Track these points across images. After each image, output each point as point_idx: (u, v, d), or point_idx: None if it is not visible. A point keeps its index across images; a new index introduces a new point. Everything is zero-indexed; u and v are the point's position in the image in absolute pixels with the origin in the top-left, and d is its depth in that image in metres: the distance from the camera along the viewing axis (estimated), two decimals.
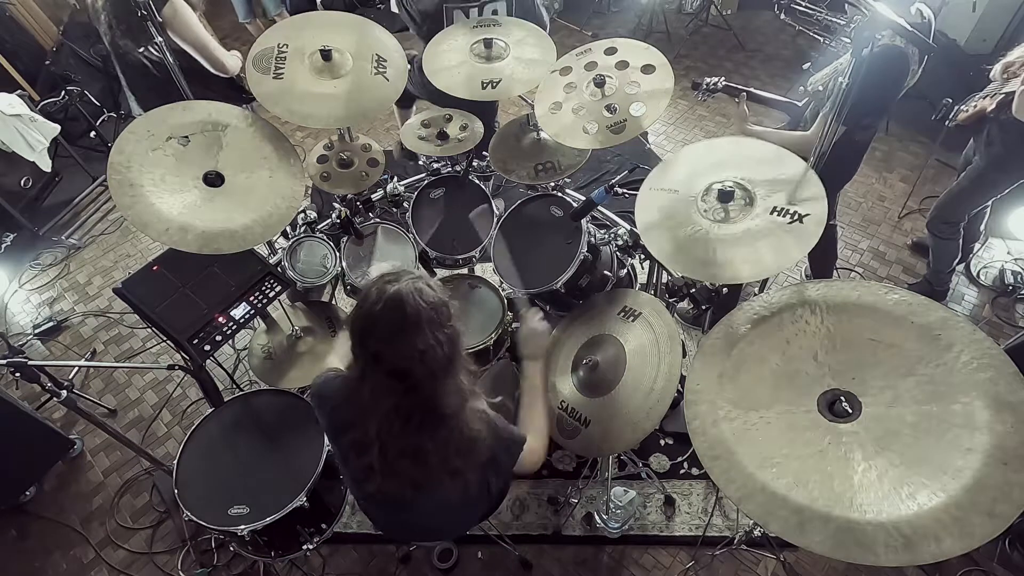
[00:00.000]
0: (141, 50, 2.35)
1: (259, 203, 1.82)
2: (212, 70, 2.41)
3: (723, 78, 2.27)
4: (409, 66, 2.20)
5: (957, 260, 2.70)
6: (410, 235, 2.26)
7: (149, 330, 2.54)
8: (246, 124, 1.93)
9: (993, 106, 2.19)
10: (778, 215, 1.55)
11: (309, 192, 3.35)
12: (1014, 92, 2.06)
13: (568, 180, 2.41)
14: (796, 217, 1.53)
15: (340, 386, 1.31)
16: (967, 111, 2.33)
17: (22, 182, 3.35)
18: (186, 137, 1.82)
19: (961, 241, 2.63)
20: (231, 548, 2.12)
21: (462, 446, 1.23)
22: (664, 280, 2.29)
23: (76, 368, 2.79)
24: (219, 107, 1.93)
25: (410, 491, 1.26)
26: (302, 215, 2.25)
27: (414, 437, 1.20)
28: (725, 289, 2.37)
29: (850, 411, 1.23)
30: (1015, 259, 2.98)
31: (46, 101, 3.59)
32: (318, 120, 2.00)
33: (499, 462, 1.32)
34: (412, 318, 1.12)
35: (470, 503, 1.49)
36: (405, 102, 3.12)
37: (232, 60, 2.50)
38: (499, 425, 1.31)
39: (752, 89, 2.25)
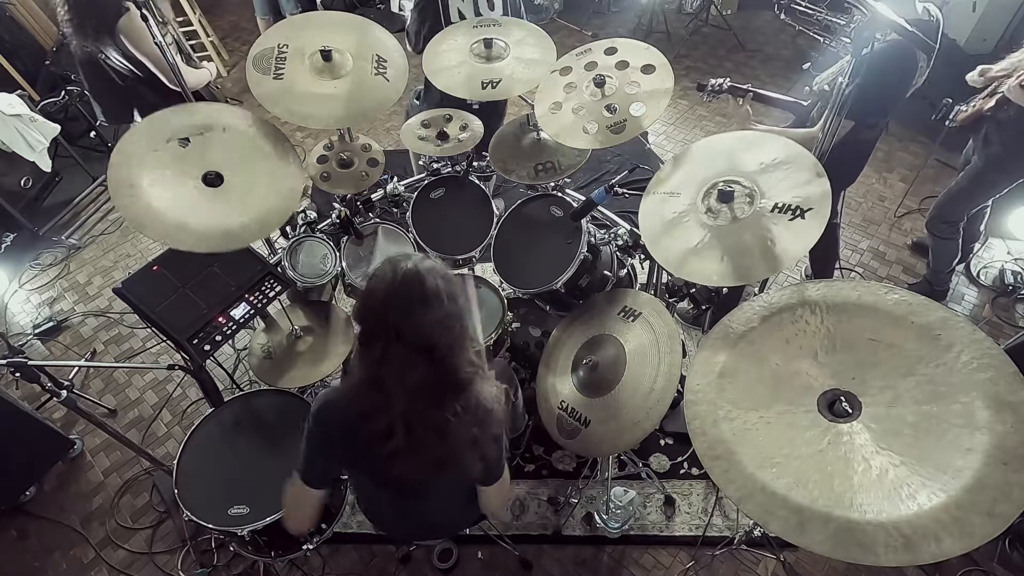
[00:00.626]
0: (100, 56, 2.30)
1: (258, 203, 1.82)
2: (169, 85, 2.35)
3: (728, 79, 2.27)
4: (418, 102, 2.16)
5: (957, 260, 2.70)
6: (410, 235, 2.26)
7: (149, 330, 2.53)
8: (246, 125, 1.93)
9: (991, 104, 2.19)
10: (779, 211, 1.55)
11: (309, 192, 3.34)
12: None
13: (568, 180, 2.41)
14: (798, 213, 1.53)
15: (342, 389, 1.30)
16: (966, 111, 2.33)
17: (22, 182, 3.35)
18: (186, 139, 1.82)
19: (961, 241, 2.63)
20: (231, 548, 2.12)
21: (480, 414, 1.23)
22: (664, 280, 2.29)
23: (76, 368, 2.79)
24: (220, 108, 1.93)
25: (432, 470, 1.26)
26: (302, 215, 2.25)
27: (438, 410, 1.21)
28: (725, 289, 2.38)
29: (850, 411, 1.23)
30: (1015, 259, 2.98)
31: (46, 101, 3.59)
32: (318, 120, 2.00)
33: (499, 449, 1.32)
34: (432, 291, 1.13)
35: (468, 494, 1.48)
36: None
37: (194, 75, 2.45)
38: (505, 406, 1.32)
39: (757, 89, 2.25)
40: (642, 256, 2.20)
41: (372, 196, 2.33)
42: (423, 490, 1.44)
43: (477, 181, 2.37)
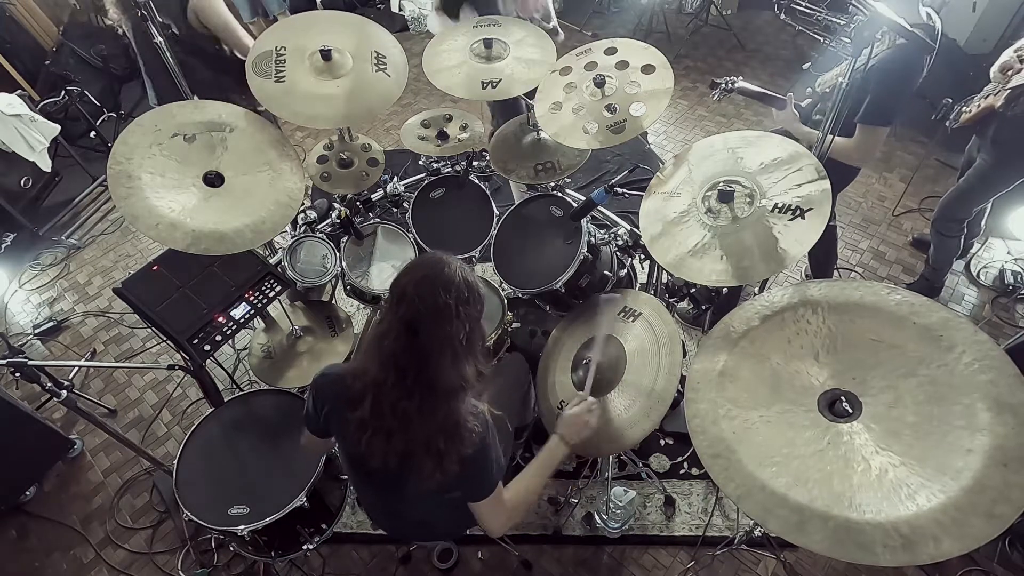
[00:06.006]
0: (168, 32, 2.25)
1: (255, 207, 1.81)
2: (238, 54, 2.37)
3: (740, 78, 2.27)
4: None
5: (957, 256, 2.71)
6: (410, 235, 2.26)
7: (149, 330, 2.53)
8: (253, 128, 1.92)
9: (1001, 102, 2.19)
10: (779, 212, 1.56)
11: (309, 192, 3.34)
12: (1022, 85, 2.09)
13: (568, 180, 2.41)
14: (798, 213, 1.53)
15: (346, 366, 1.36)
16: (969, 112, 2.33)
17: (22, 182, 3.36)
18: (192, 136, 1.81)
19: (963, 238, 2.65)
20: (231, 548, 2.12)
21: (448, 427, 1.23)
22: (664, 280, 2.29)
23: (76, 368, 2.79)
24: (229, 108, 1.93)
25: (396, 460, 1.27)
26: (302, 215, 2.25)
27: (404, 396, 1.22)
28: (725, 289, 2.38)
29: (850, 411, 1.23)
30: (1015, 259, 2.98)
31: (46, 101, 3.59)
32: (324, 120, 1.99)
33: (476, 468, 1.29)
34: (448, 279, 1.19)
35: (452, 500, 1.41)
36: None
37: (251, 41, 2.47)
38: (491, 437, 1.30)
39: (743, 84, 2.25)
40: (642, 256, 2.20)
41: (372, 196, 2.33)
42: (399, 488, 1.43)
43: (477, 181, 2.37)
